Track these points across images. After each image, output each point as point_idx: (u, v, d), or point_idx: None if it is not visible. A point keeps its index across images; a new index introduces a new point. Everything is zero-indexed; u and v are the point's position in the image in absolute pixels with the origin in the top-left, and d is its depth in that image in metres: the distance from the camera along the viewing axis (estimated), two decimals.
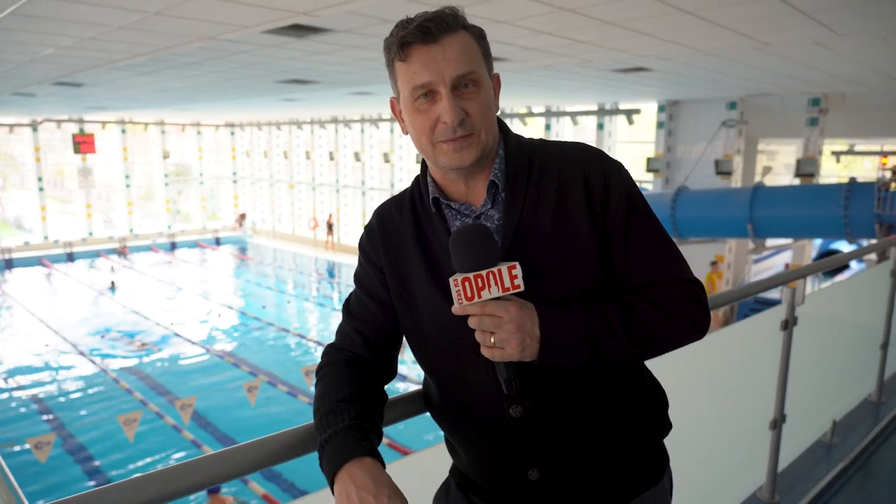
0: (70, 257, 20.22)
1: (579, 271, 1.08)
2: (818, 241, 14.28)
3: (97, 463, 7.91)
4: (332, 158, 21.95)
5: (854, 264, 11.55)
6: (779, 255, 13.63)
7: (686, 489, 2.45)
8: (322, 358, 1.22)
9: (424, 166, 1.18)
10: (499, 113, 1.13)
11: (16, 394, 9.90)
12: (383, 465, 1.02)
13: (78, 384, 10.26)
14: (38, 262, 19.54)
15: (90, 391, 9.96)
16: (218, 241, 23.79)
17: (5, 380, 10.42)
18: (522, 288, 0.98)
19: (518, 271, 0.98)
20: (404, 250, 1.15)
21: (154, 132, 22.94)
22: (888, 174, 10.41)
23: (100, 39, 5.37)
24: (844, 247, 10.84)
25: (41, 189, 20.42)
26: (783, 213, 11.04)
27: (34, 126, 19.97)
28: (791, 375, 2.75)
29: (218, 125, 24.99)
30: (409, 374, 10.13)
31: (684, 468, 2.47)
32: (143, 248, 21.89)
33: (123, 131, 22.15)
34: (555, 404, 1.08)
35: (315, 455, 1.07)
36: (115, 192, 22.70)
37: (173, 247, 22.47)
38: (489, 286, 0.97)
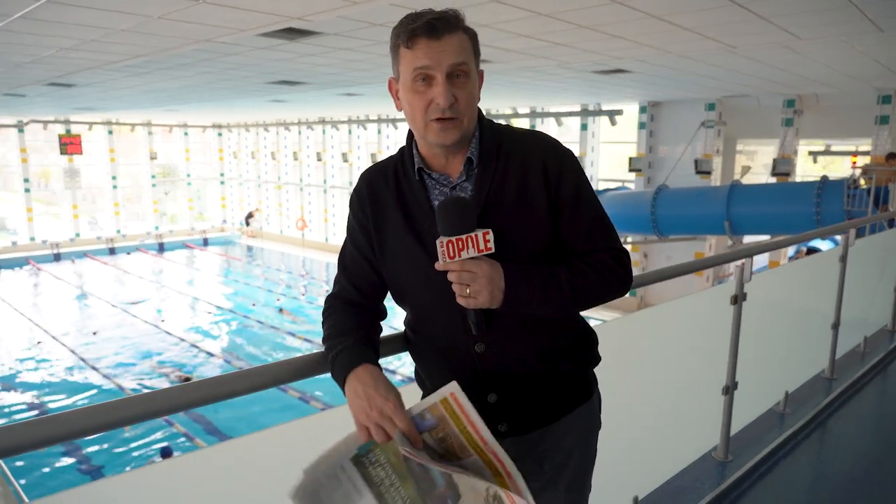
0: (57, 258, 20.25)
1: (535, 236, 1.33)
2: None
3: (90, 456, 8.08)
4: (319, 159, 22.11)
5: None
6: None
7: (647, 446, 2.74)
8: (325, 303, 1.48)
9: (410, 138, 1.40)
10: (486, 113, 1.42)
11: (5, 392, 10.02)
12: (381, 371, 1.30)
13: (67, 381, 10.37)
14: (25, 262, 19.56)
15: (80, 387, 10.09)
16: (206, 242, 23.86)
17: None
18: (493, 251, 1.24)
19: (490, 237, 1.23)
20: (388, 212, 1.40)
21: (141, 133, 22.95)
22: (857, 172, 10.80)
23: (101, 41, 5.55)
24: (820, 244, 11.16)
25: (27, 190, 20.40)
26: (758, 210, 11.32)
27: (20, 127, 19.94)
28: (743, 348, 3.04)
29: (205, 126, 25.03)
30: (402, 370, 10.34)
31: (644, 427, 2.75)
32: (131, 248, 21.93)
33: (110, 132, 22.11)
34: (509, 342, 1.36)
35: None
36: (100, 193, 22.69)
37: (161, 248, 22.53)
38: (468, 247, 1.23)
